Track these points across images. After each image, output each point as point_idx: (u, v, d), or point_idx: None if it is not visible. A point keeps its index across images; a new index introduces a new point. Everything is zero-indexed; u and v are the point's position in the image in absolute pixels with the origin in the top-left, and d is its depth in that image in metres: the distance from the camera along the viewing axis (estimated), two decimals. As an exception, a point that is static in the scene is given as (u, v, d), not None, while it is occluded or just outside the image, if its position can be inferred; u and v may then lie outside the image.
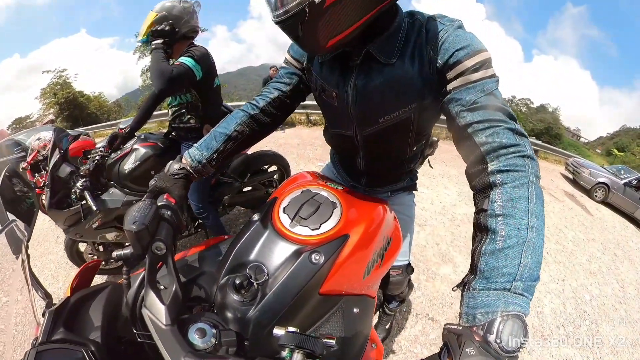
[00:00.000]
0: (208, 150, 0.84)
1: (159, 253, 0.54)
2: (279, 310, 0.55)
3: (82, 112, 25.02)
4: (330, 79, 0.80)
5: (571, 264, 3.34)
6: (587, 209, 5.92)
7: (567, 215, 4.97)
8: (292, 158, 4.80)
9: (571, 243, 3.88)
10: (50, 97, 24.34)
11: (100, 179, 1.76)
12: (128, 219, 0.52)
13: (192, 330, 0.48)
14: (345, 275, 0.64)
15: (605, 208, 6.68)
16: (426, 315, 2.04)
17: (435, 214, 3.47)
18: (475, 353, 0.43)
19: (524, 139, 0.60)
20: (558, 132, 32.96)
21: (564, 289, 2.82)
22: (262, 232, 0.67)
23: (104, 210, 1.69)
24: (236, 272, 0.61)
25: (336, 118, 0.90)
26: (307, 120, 7.83)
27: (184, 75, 1.52)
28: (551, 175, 7.88)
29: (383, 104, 0.76)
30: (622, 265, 3.86)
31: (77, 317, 0.53)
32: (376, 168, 0.99)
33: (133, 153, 1.78)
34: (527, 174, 0.56)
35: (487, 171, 0.59)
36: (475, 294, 0.50)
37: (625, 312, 2.90)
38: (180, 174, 0.79)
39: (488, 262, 0.51)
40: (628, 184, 6.93)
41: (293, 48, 0.89)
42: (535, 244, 0.51)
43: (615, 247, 4.45)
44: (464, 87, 0.64)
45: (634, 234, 5.79)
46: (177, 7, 1.61)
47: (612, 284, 3.28)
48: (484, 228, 0.56)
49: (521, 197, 0.54)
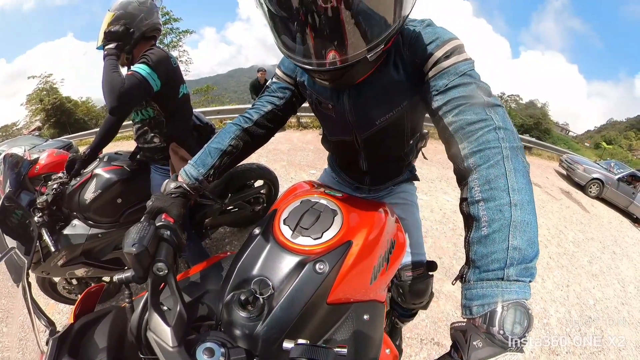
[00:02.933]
0: (204, 166, 0.83)
1: (161, 274, 0.53)
2: (288, 324, 0.54)
3: (70, 118, 24.37)
4: (325, 93, 0.82)
5: (574, 267, 3.29)
6: (583, 206, 5.94)
7: (566, 215, 4.95)
8: (281, 165, 4.63)
9: (572, 244, 3.85)
10: (36, 104, 23.58)
11: (63, 209, 1.53)
12: (127, 241, 0.51)
13: (200, 351, 0.47)
14: (352, 282, 0.64)
15: (600, 203, 6.74)
16: (431, 340, 1.88)
17: (435, 223, 3.34)
18: (483, 345, 0.42)
19: (497, 110, 0.57)
20: (547, 127, 33.50)
21: (569, 296, 2.76)
22: (264, 246, 0.66)
23: (67, 247, 1.48)
24: (241, 288, 0.59)
25: (335, 126, 0.93)
26: (297, 123, 7.68)
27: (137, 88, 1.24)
28: (546, 173, 7.92)
29: (377, 108, 0.79)
30: (622, 264, 3.85)
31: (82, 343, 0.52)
32: (378, 166, 1.02)
33: (94, 179, 1.54)
34: (500, 149, 0.53)
35: (461, 156, 0.57)
36: (471, 286, 0.48)
37: (628, 312, 2.88)
38: (177, 193, 0.78)
39: (477, 250, 0.49)
40: (621, 179, 7.04)
41: (284, 64, 0.90)
42: (522, 221, 0.48)
43: (613, 244, 4.45)
44: (437, 74, 0.65)
45: (629, 228, 5.84)
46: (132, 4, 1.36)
47: (613, 285, 3.25)
48: (468, 216, 0.54)
49: (497, 176, 0.51)
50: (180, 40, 22.32)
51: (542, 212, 4.65)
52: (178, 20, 21.23)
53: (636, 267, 3.90)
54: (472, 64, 0.64)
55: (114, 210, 1.60)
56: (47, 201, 1.41)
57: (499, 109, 0.57)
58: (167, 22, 20.84)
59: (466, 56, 0.65)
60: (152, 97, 1.36)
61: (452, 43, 0.65)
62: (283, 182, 3.67)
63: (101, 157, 1.65)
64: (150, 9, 1.42)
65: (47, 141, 6.97)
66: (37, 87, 23.75)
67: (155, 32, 1.46)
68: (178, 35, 21.90)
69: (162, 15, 19.09)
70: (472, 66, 0.64)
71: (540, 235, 3.77)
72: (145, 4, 1.41)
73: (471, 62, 0.64)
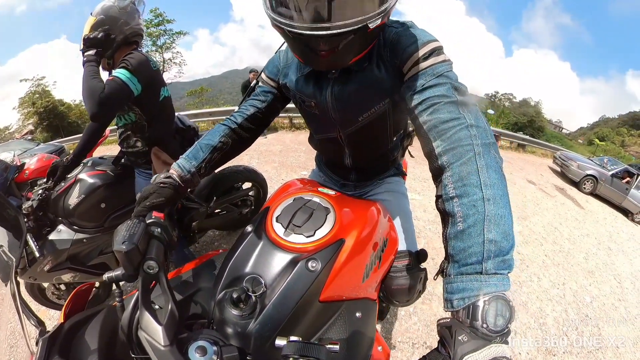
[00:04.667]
0: (196, 159, 0.84)
1: (152, 272, 0.52)
2: (280, 322, 0.54)
3: (63, 121, 23.99)
4: (307, 91, 0.85)
5: (569, 265, 3.27)
6: (578, 202, 5.95)
7: (560, 211, 4.95)
8: (273, 167, 4.59)
9: (567, 241, 3.84)
10: (28, 107, 23.12)
11: (48, 214, 1.53)
12: (117, 239, 0.50)
13: (192, 349, 0.47)
14: (344, 280, 0.64)
15: (594, 199, 6.78)
16: (424, 344, 1.82)
17: (428, 223, 3.29)
18: (468, 339, 0.43)
19: (469, 108, 0.59)
20: (541, 124, 33.77)
21: (565, 294, 2.73)
22: (257, 243, 0.66)
23: (53, 252, 1.47)
24: (233, 286, 0.59)
25: (319, 124, 0.96)
26: (290, 124, 7.63)
27: (117, 93, 1.24)
28: (540, 170, 7.95)
29: (359, 105, 0.81)
30: (617, 259, 3.85)
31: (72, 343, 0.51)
32: (363, 162, 1.04)
33: (77, 184, 1.54)
34: (472, 146, 0.55)
35: (435, 154, 0.59)
36: (451, 280, 0.49)
37: (625, 309, 2.87)
38: (167, 183, 0.76)
39: (454, 245, 0.51)
40: (615, 175, 7.08)
41: (268, 68, 0.94)
42: (496, 215, 0.49)
43: (608, 240, 4.45)
44: (415, 75, 0.67)
45: (623, 224, 5.86)
46: (113, 8, 1.34)
47: (609, 281, 3.24)
48: (444, 213, 0.55)
49: (470, 172, 0.53)
50: (174, 41, 22.15)
51: (537, 210, 4.66)
52: (171, 21, 21.08)
53: (632, 263, 3.90)
54: (450, 65, 0.66)
55: (98, 215, 1.59)
56: (33, 207, 1.40)
57: (472, 108, 0.59)
58: (160, 23, 20.69)
59: (444, 57, 0.67)
60: (132, 101, 1.35)
61: (431, 44, 0.67)
62: (274, 184, 3.61)
63: (85, 161, 1.64)
64: (131, 13, 1.41)
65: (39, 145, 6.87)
66: (29, 90, 23.36)
67: (137, 37, 1.45)
68: (171, 36, 21.75)
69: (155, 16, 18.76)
70: (449, 67, 0.66)
71: (536, 233, 3.77)
72: (126, 8, 1.39)
73: (449, 63, 0.66)
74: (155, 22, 20.45)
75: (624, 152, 32.85)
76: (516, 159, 8.46)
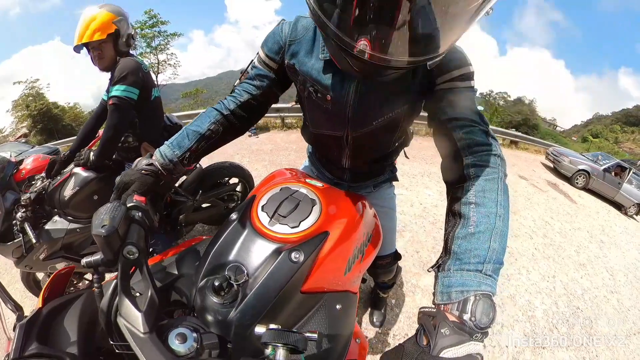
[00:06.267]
0: (180, 148, 0.81)
1: (131, 257, 0.51)
2: (261, 311, 0.55)
3: (57, 124, 23.88)
4: (324, 81, 0.76)
5: (560, 258, 3.24)
6: (570, 197, 5.95)
7: (552, 206, 4.93)
8: (263, 165, 4.58)
9: (558, 235, 3.81)
10: (22, 110, 23.01)
11: (45, 207, 1.66)
12: (96, 222, 0.49)
13: (172, 336, 0.47)
14: (326, 272, 0.65)
15: (587, 194, 6.78)
16: (405, 336, 1.78)
17: (415, 217, 3.26)
18: (450, 333, 0.45)
19: (495, 142, 0.67)
20: (535, 122, 34.02)
21: (555, 287, 2.70)
22: (241, 232, 0.65)
23: (48, 241, 1.60)
24: (215, 274, 0.59)
25: (327, 120, 0.87)
26: (282, 124, 7.53)
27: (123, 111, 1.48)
28: (532, 166, 7.94)
29: (380, 107, 0.78)
30: (610, 252, 3.83)
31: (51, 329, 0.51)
32: (360, 164, 1.01)
33: (72, 178, 1.66)
34: (498, 170, 0.62)
35: (463, 164, 0.64)
36: (450, 274, 0.53)
37: (617, 301, 2.84)
38: (148, 170, 0.74)
39: (461, 244, 0.55)
40: (607, 170, 7.10)
41: (267, 44, 0.82)
42: (502, 231, 0.56)
43: (600, 233, 4.44)
44: (449, 90, 0.70)
45: (616, 217, 5.87)
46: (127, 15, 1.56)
47: (602, 274, 3.21)
48: (457, 214, 0.60)
49: (492, 189, 0.60)
50: (168, 43, 22.02)
51: (527, 204, 4.64)
52: (165, 23, 20.96)
53: (625, 256, 3.88)
54: (475, 93, 0.72)
55: (91, 206, 1.68)
56: (30, 199, 1.51)
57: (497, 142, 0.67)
58: (155, 24, 20.57)
59: (474, 84, 0.71)
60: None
61: (468, 68, 0.70)
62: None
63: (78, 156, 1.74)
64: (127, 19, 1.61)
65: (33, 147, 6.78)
66: (23, 93, 23.26)
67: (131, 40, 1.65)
68: (166, 38, 21.62)
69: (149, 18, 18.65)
70: (475, 95, 0.72)
71: (526, 227, 3.74)
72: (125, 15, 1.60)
73: (476, 91, 0.72)
74: (149, 23, 20.34)
75: (618, 148, 33.16)
76: (508, 156, 8.31)
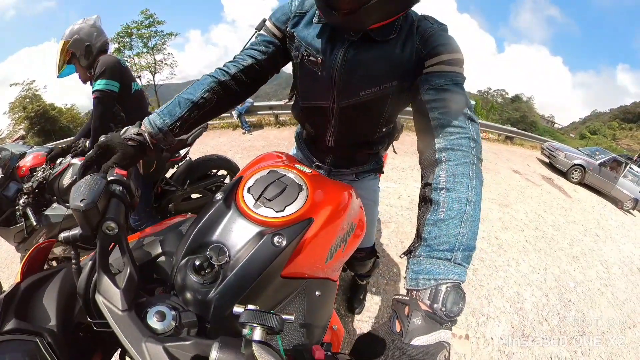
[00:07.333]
0: (171, 116, 0.78)
1: (111, 233, 0.50)
2: (240, 293, 0.55)
3: (54, 125, 23.80)
4: (317, 44, 0.80)
5: (552, 251, 3.17)
6: (565, 191, 5.89)
7: (546, 199, 4.87)
8: (254, 161, 4.52)
9: (551, 228, 3.74)
10: (19, 112, 22.98)
11: (45, 195, 1.76)
12: (74, 196, 0.47)
13: (151, 314, 0.47)
14: (307, 258, 0.65)
15: (582, 189, 6.73)
16: None
17: (401, 209, 3.21)
18: (422, 322, 0.46)
19: (474, 125, 0.65)
20: (533, 119, 34.05)
21: (546, 279, 2.63)
22: (225, 212, 0.65)
23: (47, 225, 1.70)
24: (196, 253, 0.59)
25: (315, 87, 0.88)
26: (275, 121, 7.52)
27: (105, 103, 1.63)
28: (527, 160, 7.89)
29: (368, 77, 0.78)
30: (605, 245, 3.77)
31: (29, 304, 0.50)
32: (344, 146, 1.01)
33: (70, 168, 1.76)
34: (470, 154, 0.61)
35: (434, 148, 0.62)
36: (420, 261, 0.54)
37: (612, 294, 2.77)
38: (135, 140, 0.72)
39: (431, 231, 0.55)
40: (603, 164, 7.05)
41: (276, 15, 0.86)
42: (472, 216, 0.55)
43: (595, 227, 4.38)
44: (437, 73, 0.70)
45: (612, 211, 5.82)
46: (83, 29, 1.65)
47: (596, 267, 3.15)
48: (428, 200, 0.60)
49: (463, 174, 0.58)
50: (165, 42, 21.97)
51: (520, 197, 4.57)
52: (162, 23, 20.93)
53: (620, 249, 3.82)
54: (464, 80, 0.71)
55: None
56: (32, 187, 1.63)
57: (476, 125, 0.65)
58: (151, 24, 20.53)
59: (463, 71, 0.71)
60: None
61: (458, 55, 0.71)
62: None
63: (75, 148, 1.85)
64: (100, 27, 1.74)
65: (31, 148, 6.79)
66: (19, 95, 23.17)
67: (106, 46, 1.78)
68: (162, 37, 21.58)
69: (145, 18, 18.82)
70: (463, 82, 0.71)
71: (517, 220, 3.67)
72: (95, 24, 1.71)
73: (465, 78, 0.71)
74: (145, 23, 20.29)
75: (616, 145, 33.19)
76: (503, 151, 8.38)
